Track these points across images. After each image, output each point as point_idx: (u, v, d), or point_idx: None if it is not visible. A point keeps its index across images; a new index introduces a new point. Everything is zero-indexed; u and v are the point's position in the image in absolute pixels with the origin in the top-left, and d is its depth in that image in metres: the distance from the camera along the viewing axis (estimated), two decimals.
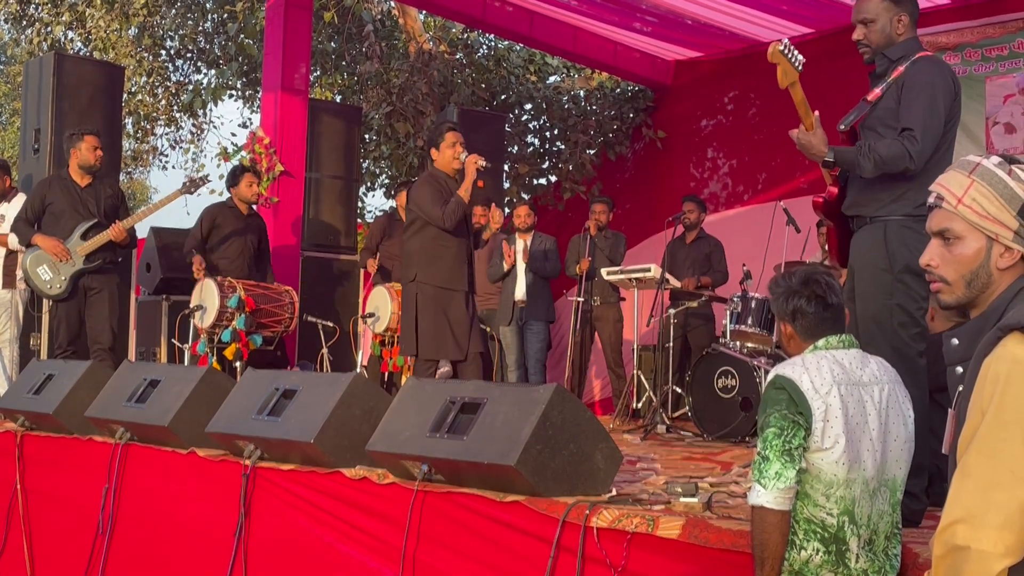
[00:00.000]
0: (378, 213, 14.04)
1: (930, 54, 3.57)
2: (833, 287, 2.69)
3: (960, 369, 1.90)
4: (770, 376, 2.59)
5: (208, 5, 13.21)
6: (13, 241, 6.95)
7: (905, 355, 3.28)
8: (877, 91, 3.58)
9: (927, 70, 3.47)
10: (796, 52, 3.56)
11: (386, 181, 13.77)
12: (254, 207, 7.51)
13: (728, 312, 6.71)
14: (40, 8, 12.74)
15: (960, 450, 1.73)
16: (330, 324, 7.47)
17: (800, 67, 3.58)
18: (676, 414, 7.35)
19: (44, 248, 6.47)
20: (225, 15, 12.69)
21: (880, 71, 3.62)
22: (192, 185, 6.94)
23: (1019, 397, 1.66)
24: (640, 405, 7.75)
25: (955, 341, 1.95)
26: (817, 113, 3.61)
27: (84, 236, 6.53)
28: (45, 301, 6.85)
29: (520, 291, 7.97)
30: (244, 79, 13.24)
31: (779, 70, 3.56)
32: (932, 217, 1.95)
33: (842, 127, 3.65)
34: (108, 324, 6.59)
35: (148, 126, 13.89)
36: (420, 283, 5.73)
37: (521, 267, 8.02)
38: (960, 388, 1.87)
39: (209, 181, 7.12)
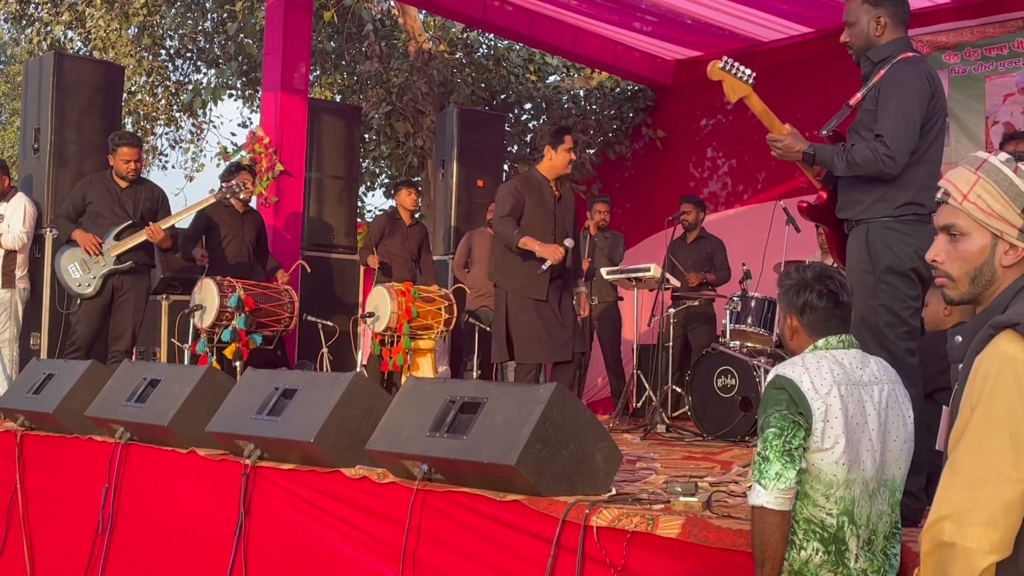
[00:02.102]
0: (378, 212, 14.04)
1: (911, 55, 3.55)
2: (845, 286, 2.69)
3: (963, 366, 1.90)
4: (770, 376, 2.58)
5: (208, 5, 13.22)
6: (9, 241, 6.94)
7: (894, 355, 3.29)
8: (859, 95, 3.61)
9: (901, 73, 3.48)
10: (741, 67, 3.62)
11: (386, 181, 13.79)
12: (250, 204, 7.51)
13: (728, 311, 6.71)
14: (40, 8, 12.74)
15: (951, 446, 1.74)
16: (330, 324, 7.47)
17: (750, 80, 3.63)
18: (676, 414, 7.35)
19: (80, 242, 6.49)
20: (225, 15, 12.69)
21: (864, 73, 3.64)
22: (228, 191, 6.94)
23: (1008, 395, 1.67)
24: (640, 405, 7.75)
25: (959, 338, 1.96)
26: (789, 125, 3.65)
27: (118, 237, 6.55)
28: (44, 301, 6.83)
29: None
30: (244, 79, 13.25)
31: (725, 86, 3.63)
32: (938, 213, 1.96)
33: (824, 132, 3.68)
34: (131, 327, 6.63)
35: (148, 126, 13.90)
36: (500, 288, 5.74)
37: None
38: (956, 385, 1.87)
39: (240, 190, 7.09)
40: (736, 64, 3.62)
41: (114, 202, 6.64)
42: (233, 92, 13.65)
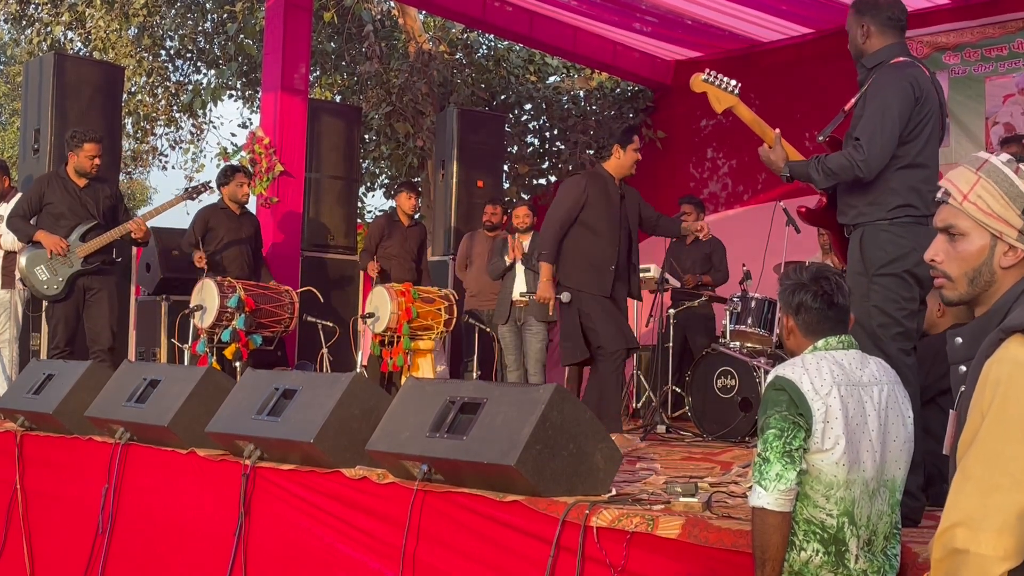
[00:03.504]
0: (378, 213, 14.05)
1: (901, 61, 3.56)
2: (842, 288, 2.69)
3: (964, 368, 1.89)
4: (770, 377, 2.58)
5: (208, 5, 13.22)
6: (7, 241, 6.92)
7: (888, 355, 3.30)
8: (852, 101, 3.64)
9: (884, 79, 3.52)
10: (724, 77, 3.66)
11: (386, 181, 13.79)
12: (247, 206, 7.50)
13: (728, 312, 6.70)
14: (40, 8, 12.74)
15: (960, 452, 1.72)
16: (330, 324, 7.46)
17: (735, 90, 3.66)
18: (676, 414, 7.34)
19: (45, 244, 6.41)
20: (225, 15, 12.70)
21: (860, 80, 3.69)
22: (194, 192, 6.94)
23: (1020, 400, 1.65)
24: (640, 405, 7.75)
25: (959, 340, 1.95)
26: (778, 130, 3.70)
27: (83, 238, 6.50)
28: (42, 301, 6.83)
29: (518, 290, 7.97)
30: (244, 79, 13.25)
31: (709, 98, 3.68)
32: (938, 213, 1.95)
33: (821, 138, 3.71)
34: (108, 325, 6.57)
35: (148, 126, 13.90)
36: (561, 286, 5.85)
37: (520, 266, 8.02)
38: (962, 388, 1.86)
39: (211, 188, 7.12)
40: (719, 75, 3.66)
41: (75, 202, 6.56)
42: (233, 92, 13.65)
